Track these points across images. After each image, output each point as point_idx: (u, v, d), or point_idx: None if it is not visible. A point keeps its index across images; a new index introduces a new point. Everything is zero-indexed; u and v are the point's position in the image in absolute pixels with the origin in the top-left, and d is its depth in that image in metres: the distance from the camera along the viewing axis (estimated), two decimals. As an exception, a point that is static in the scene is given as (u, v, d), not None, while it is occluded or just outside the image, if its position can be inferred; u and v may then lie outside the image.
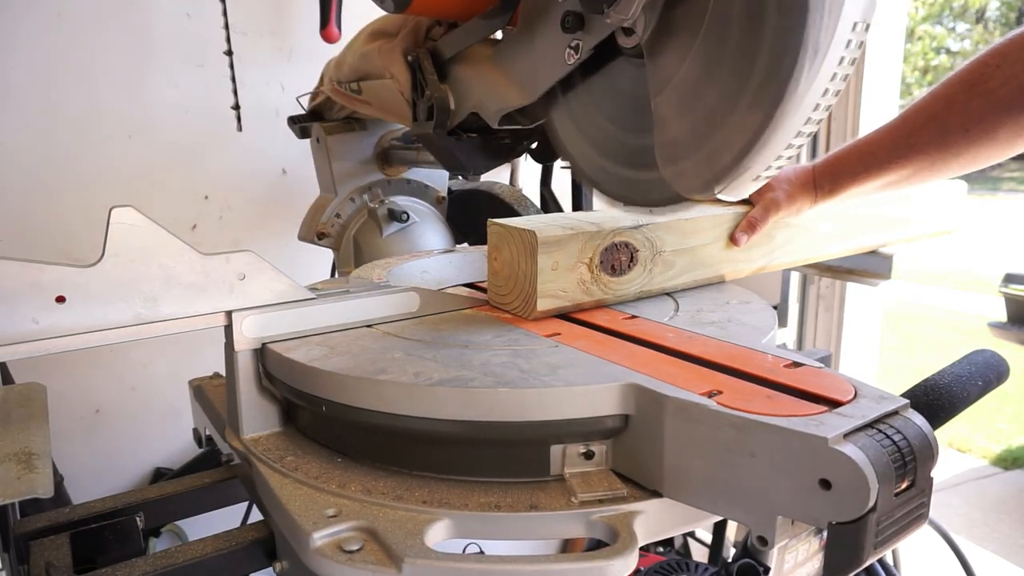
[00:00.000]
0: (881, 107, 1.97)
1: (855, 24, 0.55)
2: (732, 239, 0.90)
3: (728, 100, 0.61)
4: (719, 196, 0.65)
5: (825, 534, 0.48)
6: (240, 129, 1.68)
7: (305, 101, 1.42)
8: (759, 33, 0.57)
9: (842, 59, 0.56)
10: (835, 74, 0.56)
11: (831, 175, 0.87)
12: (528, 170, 1.81)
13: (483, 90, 0.87)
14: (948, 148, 0.79)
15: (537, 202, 1.42)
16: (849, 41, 0.55)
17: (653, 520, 0.56)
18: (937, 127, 0.79)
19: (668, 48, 0.66)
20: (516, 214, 1.36)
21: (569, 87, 0.81)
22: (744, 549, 0.79)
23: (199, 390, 0.89)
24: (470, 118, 0.92)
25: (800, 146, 0.61)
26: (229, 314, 0.68)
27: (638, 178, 0.77)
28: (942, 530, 1.11)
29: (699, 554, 1.79)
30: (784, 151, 0.60)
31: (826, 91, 0.57)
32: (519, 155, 1.01)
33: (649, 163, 0.73)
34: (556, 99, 0.84)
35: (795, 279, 2.03)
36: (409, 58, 0.86)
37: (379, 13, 0.99)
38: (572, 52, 0.75)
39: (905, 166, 0.82)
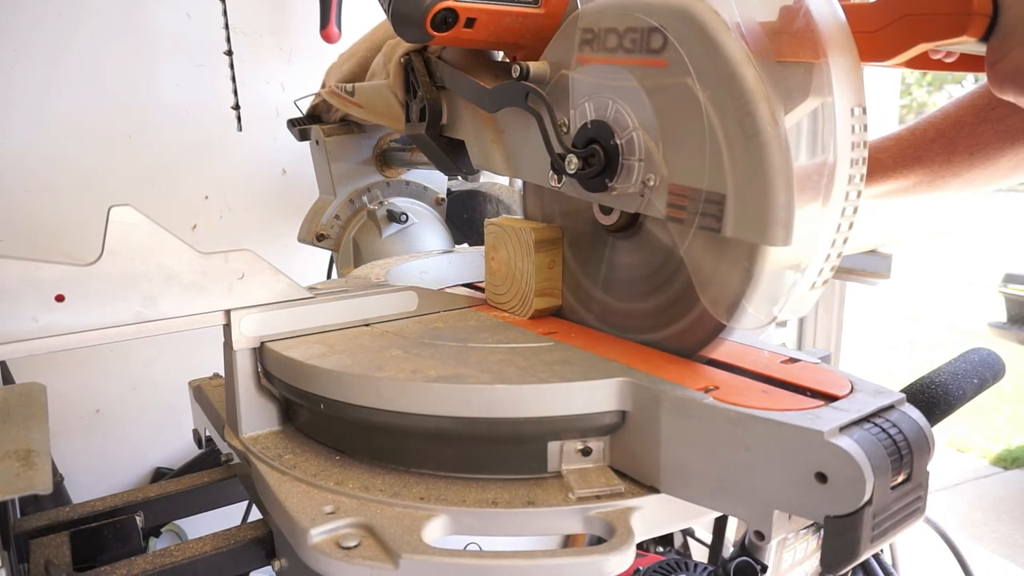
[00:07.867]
0: (881, 106, 1.97)
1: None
2: None
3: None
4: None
5: (822, 530, 0.49)
6: (240, 129, 1.68)
7: (304, 104, 1.42)
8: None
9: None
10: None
11: None
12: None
13: (472, 133, 0.82)
14: (951, 167, 0.81)
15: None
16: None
17: (650, 516, 0.56)
18: (945, 144, 0.81)
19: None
20: (515, 214, 1.36)
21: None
22: (742, 547, 0.79)
23: (199, 391, 0.89)
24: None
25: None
26: (228, 313, 0.69)
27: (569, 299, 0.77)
28: (940, 529, 1.11)
29: (699, 554, 1.79)
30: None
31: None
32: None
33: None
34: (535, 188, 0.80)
35: (795, 279, 2.03)
36: (402, 59, 0.85)
37: (378, 14, 1.00)
38: (555, 178, 0.69)
39: (908, 176, 0.83)
